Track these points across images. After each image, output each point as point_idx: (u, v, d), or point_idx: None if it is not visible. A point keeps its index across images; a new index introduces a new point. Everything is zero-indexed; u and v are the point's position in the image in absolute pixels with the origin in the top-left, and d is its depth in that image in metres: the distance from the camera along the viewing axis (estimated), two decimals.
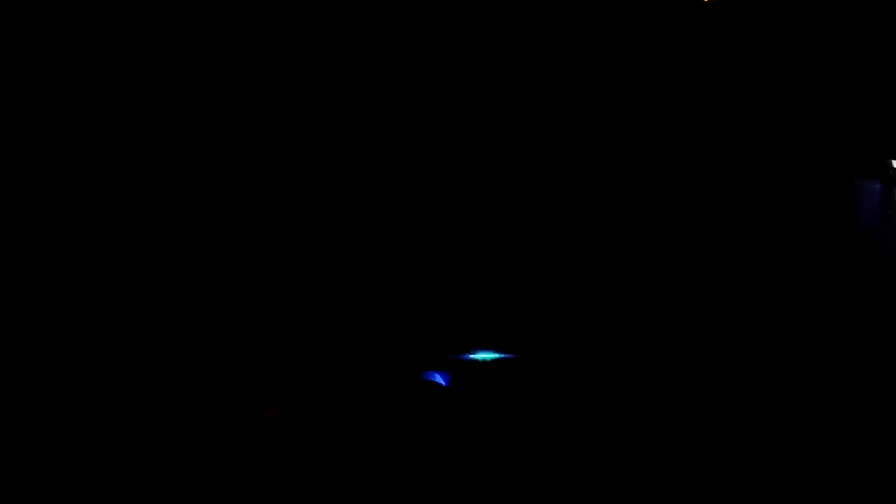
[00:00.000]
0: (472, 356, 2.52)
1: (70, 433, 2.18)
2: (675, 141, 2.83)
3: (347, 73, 2.54)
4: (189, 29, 2.42)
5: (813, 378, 2.65)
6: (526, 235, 2.66)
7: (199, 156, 2.43)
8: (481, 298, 2.58)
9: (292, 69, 2.51)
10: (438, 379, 2.44)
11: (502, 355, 2.55)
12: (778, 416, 2.54)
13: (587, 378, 2.58)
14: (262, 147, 2.50)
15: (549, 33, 2.68)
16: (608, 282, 2.70)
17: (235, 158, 2.49)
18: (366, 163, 2.56)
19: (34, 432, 2.17)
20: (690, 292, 2.74)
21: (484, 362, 2.52)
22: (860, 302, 2.78)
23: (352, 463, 2.22)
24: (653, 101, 2.82)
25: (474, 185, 2.62)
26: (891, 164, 2.89)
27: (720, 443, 2.46)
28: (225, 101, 2.47)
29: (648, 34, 2.81)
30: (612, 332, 2.66)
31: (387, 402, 2.35)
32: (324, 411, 2.31)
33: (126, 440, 2.20)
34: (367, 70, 2.56)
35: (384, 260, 2.53)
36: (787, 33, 2.88)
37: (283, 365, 2.40)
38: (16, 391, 2.20)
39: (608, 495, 2.25)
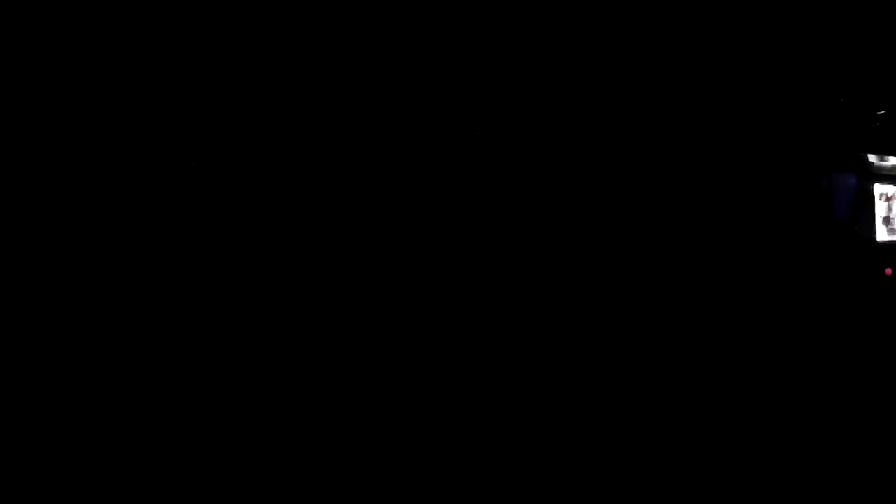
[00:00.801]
0: None
1: (70, 433, 2.17)
2: (657, 137, 2.85)
3: (348, 73, 2.55)
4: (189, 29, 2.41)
5: (791, 361, 2.70)
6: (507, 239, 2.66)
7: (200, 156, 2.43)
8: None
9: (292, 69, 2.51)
10: None
11: None
12: (756, 399, 2.59)
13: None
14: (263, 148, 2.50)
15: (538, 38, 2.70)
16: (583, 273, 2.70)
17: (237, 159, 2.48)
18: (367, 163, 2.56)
19: (34, 432, 2.15)
20: (673, 282, 2.77)
21: None
22: (837, 288, 2.84)
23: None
24: (633, 100, 2.84)
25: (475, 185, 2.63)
26: (866, 157, 2.96)
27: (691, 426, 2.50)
28: (226, 101, 2.47)
29: (623, 35, 2.82)
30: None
31: None
32: None
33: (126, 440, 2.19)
34: (367, 70, 2.56)
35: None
36: (766, 33, 2.92)
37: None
38: (16, 391, 2.18)
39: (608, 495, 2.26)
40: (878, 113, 2.97)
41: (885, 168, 2.93)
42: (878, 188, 2.91)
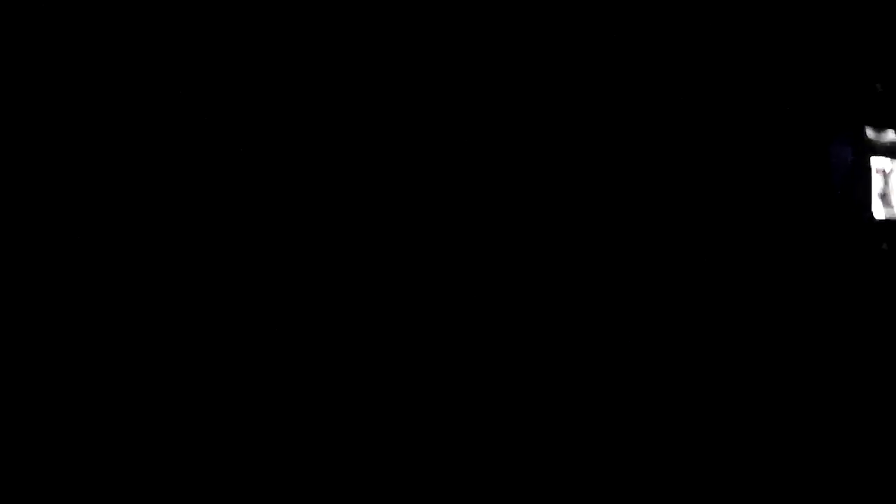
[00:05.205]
0: None
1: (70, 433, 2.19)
2: (648, 109, 2.81)
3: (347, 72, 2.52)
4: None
5: (788, 334, 2.71)
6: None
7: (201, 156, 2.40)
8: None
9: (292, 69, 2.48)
10: None
11: None
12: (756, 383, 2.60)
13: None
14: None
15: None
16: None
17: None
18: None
19: (34, 432, 2.17)
20: (665, 255, 2.76)
21: None
22: (831, 263, 2.85)
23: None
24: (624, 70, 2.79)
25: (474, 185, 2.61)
26: (864, 131, 2.93)
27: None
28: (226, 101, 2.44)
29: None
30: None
31: None
32: None
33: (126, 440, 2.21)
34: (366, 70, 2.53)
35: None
36: (763, 5, 2.87)
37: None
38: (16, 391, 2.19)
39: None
40: (877, 86, 2.93)
41: (882, 142, 2.90)
42: (875, 162, 2.89)
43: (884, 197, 2.87)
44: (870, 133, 2.89)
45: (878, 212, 2.86)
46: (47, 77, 2.26)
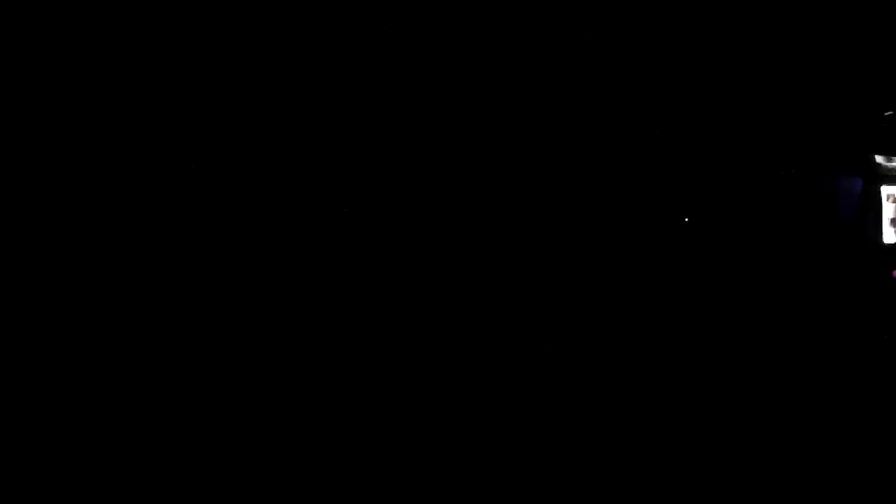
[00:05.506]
0: None
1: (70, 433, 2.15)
2: (662, 138, 2.82)
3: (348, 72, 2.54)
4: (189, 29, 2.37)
5: (799, 361, 2.73)
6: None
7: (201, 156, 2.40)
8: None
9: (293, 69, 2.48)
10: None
11: None
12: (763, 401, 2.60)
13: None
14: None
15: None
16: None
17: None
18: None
19: (34, 432, 2.13)
20: (680, 284, 2.77)
21: None
22: (843, 290, 2.87)
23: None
24: (638, 102, 2.81)
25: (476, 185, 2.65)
26: (873, 159, 2.99)
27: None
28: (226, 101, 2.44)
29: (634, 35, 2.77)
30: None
31: None
32: None
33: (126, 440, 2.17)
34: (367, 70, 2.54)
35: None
36: (773, 34, 2.89)
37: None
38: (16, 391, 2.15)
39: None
40: (885, 114, 2.96)
41: (892, 169, 2.96)
42: (886, 190, 2.96)
43: (895, 223, 2.97)
44: (879, 160, 2.97)
45: (889, 237, 2.97)
46: (48, 78, 2.25)
